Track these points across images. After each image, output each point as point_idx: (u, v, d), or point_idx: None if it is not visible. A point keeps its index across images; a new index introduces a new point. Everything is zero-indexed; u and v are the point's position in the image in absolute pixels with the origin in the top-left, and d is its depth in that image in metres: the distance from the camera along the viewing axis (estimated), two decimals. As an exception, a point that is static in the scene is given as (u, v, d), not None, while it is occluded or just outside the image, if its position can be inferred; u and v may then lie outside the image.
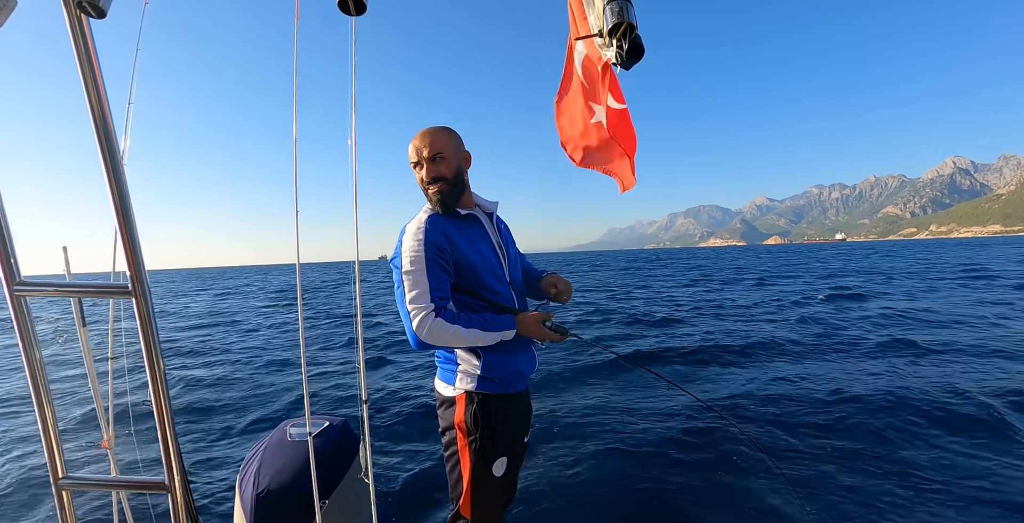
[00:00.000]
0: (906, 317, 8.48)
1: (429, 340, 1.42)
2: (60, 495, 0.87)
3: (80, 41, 0.72)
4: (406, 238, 1.50)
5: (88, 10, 0.68)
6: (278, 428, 2.08)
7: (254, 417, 4.51)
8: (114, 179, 0.75)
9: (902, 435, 3.42)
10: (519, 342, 1.65)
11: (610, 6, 0.61)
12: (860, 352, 5.96)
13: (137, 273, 0.78)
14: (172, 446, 0.83)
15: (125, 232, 0.76)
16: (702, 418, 3.84)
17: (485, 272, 1.60)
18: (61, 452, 0.87)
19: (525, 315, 1.58)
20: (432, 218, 1.54)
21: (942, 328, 7.41)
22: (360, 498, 1.90)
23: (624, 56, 0.62)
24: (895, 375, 4.85)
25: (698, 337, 7.28)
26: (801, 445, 3.33)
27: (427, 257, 1.46)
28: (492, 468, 1.59)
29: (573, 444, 3.52)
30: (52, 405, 0.86)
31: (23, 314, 0.82)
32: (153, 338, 0.80)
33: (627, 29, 0.60)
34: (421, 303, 1.43)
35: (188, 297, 23.32)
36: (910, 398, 4.06)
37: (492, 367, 1.59)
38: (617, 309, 11.20)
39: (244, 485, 1.74)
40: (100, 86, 0.74)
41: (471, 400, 1.58)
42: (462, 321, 1.47)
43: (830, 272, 22.18)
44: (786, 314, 9.44)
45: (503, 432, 1.62)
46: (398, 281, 1.48)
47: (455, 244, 1.53)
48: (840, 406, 3.99)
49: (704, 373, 5.37)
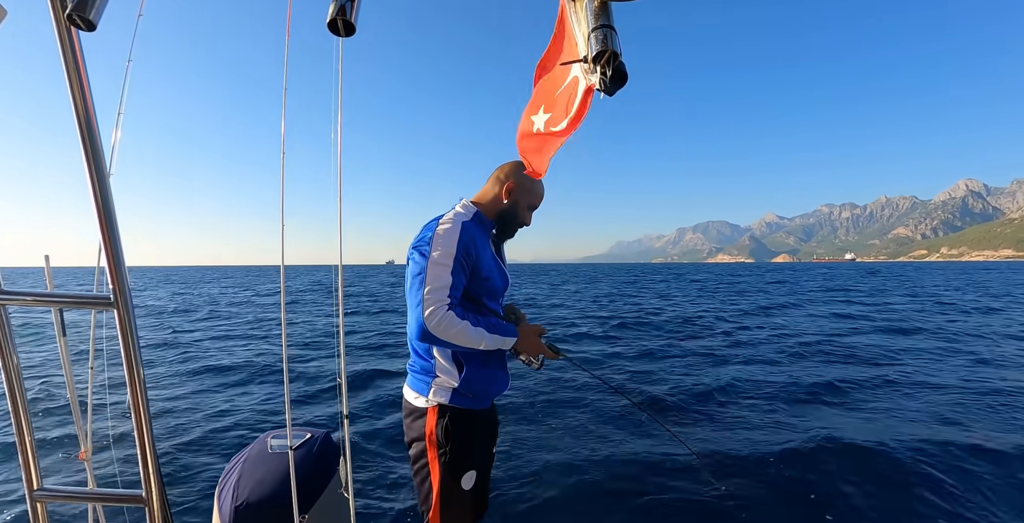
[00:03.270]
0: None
1: (435, 332, 1.43)
2: (35, 507, 0.86)
3: (69, 53, 0.72)
4: (442, 232, 1.53)
5: (78, 23, 0.69)
6: (259, 439, 2.05)
7: (235, 425, 4.44)
8: (99, 191, 0.75)
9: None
10: (500, 360, 1.71)
11: (595, 34, 0.63)
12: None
13: (120, 285, 0.77)
14: (151, 459, 0.82)
15: (109, 244, 0.76)
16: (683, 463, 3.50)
17: (493, 289, 1.67)
18: (37, 463, 0.86)
19: (527, 326, 1.63)
20: (470, 224, 1.60)
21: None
22: (340, 512, 1.88)
23: (608, 82, 0.64)
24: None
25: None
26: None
27: (457, 257, 1.50)
28: (461, 481, 1.61)
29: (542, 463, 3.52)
30: (29, 415, 0.85)
31: (2, 322, 0.81)
32: (134, 349, 0.80)
33: (611, 57, 0.62)
34: (439, 296, 1.45)
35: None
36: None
37: (471, 382, 1.61)
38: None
39: (223, 497, 1.72)
40: (88, 99, 0.74)
41: (443, 414, 1.60)
42: (470, 320, 1.48)
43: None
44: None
45: (473, 446, 1.64)
46: (419, 268, 1.49)
47: (479, 255, 1.59)
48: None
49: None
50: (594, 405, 4.80)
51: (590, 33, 0.63)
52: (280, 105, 1.37)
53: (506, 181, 1.71)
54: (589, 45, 0.62)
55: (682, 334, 9.76)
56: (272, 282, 39.65)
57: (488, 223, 1.72)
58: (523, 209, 1.75)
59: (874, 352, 7.45)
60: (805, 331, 9.84)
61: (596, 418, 4.46)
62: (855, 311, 13.55)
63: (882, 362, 6.78)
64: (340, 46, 0.97)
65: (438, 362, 1.61)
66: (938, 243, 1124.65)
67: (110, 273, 0.77)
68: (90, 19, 0.67)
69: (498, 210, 1.73)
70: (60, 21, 0.70)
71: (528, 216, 1.78)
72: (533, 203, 1.77)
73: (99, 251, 1.21)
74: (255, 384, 6.15)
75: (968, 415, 4.40)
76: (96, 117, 0.74)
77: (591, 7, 0.65)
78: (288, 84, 1.26)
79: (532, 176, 1.58)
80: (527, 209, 1.76)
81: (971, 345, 8.03)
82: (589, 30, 0.63)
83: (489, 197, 1.73)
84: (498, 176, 1.74)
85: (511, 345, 1.58)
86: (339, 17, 0.62)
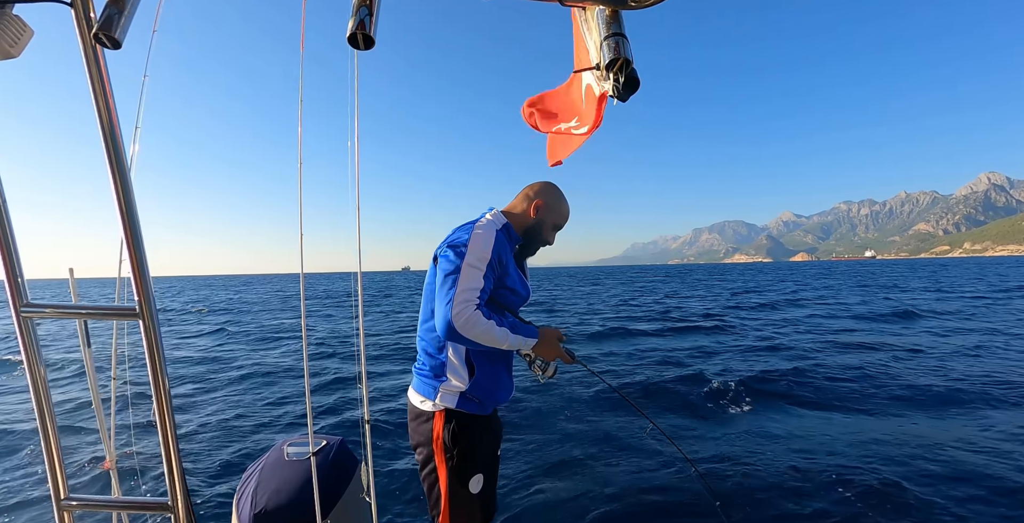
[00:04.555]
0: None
1: (462, 330, 1.45)
2: (62, 516, 0.87)
3: (95, 70, 0.74)
4: (479, 236, 1.58)
5: (104, 41, 0.71)
6: (275, 447, 2.06)
7: (253, 433, 4.47)
8: (124, 204, 0.76)
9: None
10: (509, 367, 1.76)
11: (607, 42, 0.64)
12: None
13: (144, 295, 0.79)
14: (176, 467, 0.83)
15: (133, 255, 0.78)
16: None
17: (516, 300, 1.73)
18: (64, 473, 0.87)
19: (547, 329, 1.64)
20: (502, 235, 1.66)
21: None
22: (358, 518, 1.88)
23: (620, 89, 0.65)
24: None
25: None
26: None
27: (490, 262, 1.55)
28: (469, 485, 1.62)
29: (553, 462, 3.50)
30: (56, 425, 0.87)
31: (29, 335, 0.83)
32: (159, 359, 0.81)
33: (623, 64, 0.63)
34: (469, 296, 1.48)
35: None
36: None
37: (480, 386, 1.63)
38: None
39: (241, 505, 1.73)
40: (113, 113, 0.76)
41: (450, 418, 1.62)
42: (496, 319, 1.51)
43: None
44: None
45: (479, 450, 1.66)
46: (454, 267, 1.52)
47: (505, 264, 1.64)
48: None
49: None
50: (603, 415, 4.78)
51: (602, 41, 0.64)
52: (296, 117, 1.40)
53: (535, 198, 1.76)
54: (602, 53, 0.63)
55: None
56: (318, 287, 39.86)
57: (515, 237, 1.76)
58: (548, 228, 1.80)
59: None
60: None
61: (601, 426, 4.45)
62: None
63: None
64: (355, 59, 0.98)
65: (450, 362, 1.63)
66: (960, 238, 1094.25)
67: (135, 284, 0.78)
68: (115, 37, 0.69)
69: (525, 225, 1.77)
70: (86, 40, 0.72)
71: (552, 236, 1.83)
72: (559, 223, 1.82)
73: (120, 262, 1.24)
74: (275, 388, 6.21)
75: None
76: (120, 131, 0.76)
77: (602, 16, 0.67)
78: (304, 96, 1.28)
79: (550, 162, 1.63)
80: (552, 228, 1.81)
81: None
82: (601, 39, 0.64)
83: (518, 211, 1.78)
84: (528, 193, 1.79)
85: (532, 346, 1.60)
86: (359, 31, 0.64)
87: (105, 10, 0.70)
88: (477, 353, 1.63)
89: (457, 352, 1.63)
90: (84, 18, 0.72)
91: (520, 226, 1.77)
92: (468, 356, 1.63)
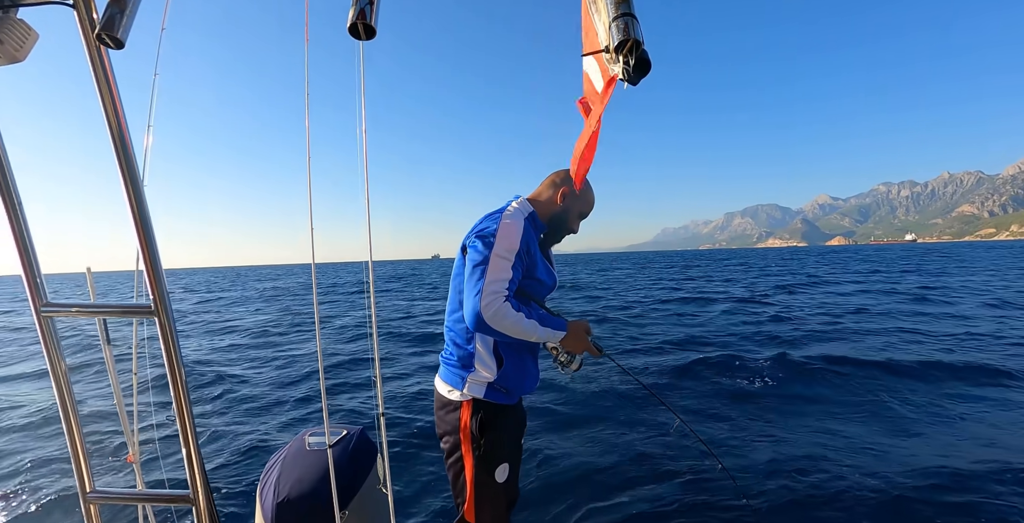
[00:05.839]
0: None
1: (491, 322, 1.45)
2: (88, 509, 0.90)
3: (100, 70, 0.74)
4: (507, 227, 1.56)
5: (107, 41, 0.71)
6: (296, 438, 2.10)
7: (274, 425, 4.56)
8: (135, 202, 0.77)
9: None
10: (535, 359, 1.77)
11: (615, 23, 0.62)
12: None
13: (159, 292, 0.80)
14: (196, 460, 0.85)
15: (147, 253, 0.78)
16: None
17: (543, 289, 1.72)
18: (89, 467, 0.89)
19: (575, 322, 1.63)
20: (529, 224, 1.65)
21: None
22: (378, 508, 1.91)
23: (631, 72, 0.63)
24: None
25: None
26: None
27: (519, 253, 1.54)
28: (495, 474, 1.64)
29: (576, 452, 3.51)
30: (79, 420, 0.88)
31: (50, 333, 0.85)
32: (176, 354, 0.82)
33: (633, 45, 0.61)
34: (498, 287, 1.47)
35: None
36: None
37: (507, 377, 1.64)
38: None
39: (264, 494, 1.77)
40: (120, 112, 0.76)
41: (477, 408, 1.63)
42: (525, 312, 1.51)
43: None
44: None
45: (505, 439, 1.68)
46: (482, 258, 1.51)
47: (533, 254, 1.63)
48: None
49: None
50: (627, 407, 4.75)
51: (611, 23, 0.62)
52: (304, 108, 1.39)
53: (562, 185, 1.74)
54: (611, 35, 0.61)
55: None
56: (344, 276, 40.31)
57: (540, 225, 1.75)
58: (574, 216, 1.78)
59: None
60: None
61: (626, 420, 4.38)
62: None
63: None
64: (361, 49, 0.97)
65: (479, 352, 1.64)
66: (1007, 220, 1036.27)
67: (149, 281, 0.79)
68: (118, 37, 0.69)
69: (551, 213, 1.76)
70: (90, 41, 0.72)
71: (577, 224, 1.82)
72: (584, 211, 1.81)
73: (137, 261, 1.25)
74: (301, 382, 6.31)
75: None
76: (128, 129, 0.76)
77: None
78: (313, 87, 1.27)
79: (575, 182, 1.62)
80: (577, 216, 1.80)
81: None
82: (610, 20, 0.62)
83: (543, 199, 1.76)
84: (554, 180, 1.77)
85: (560, 339, 1.59)
86: (359, 21, 0.63)
87: (107, 10, 0.70)
88: (504, 344, 1.64)
89: (485, 343, 1.64)
90: (87, 19, 0.72)
91: (546, 214, 1.76)
92: (496, 347, 1.64)
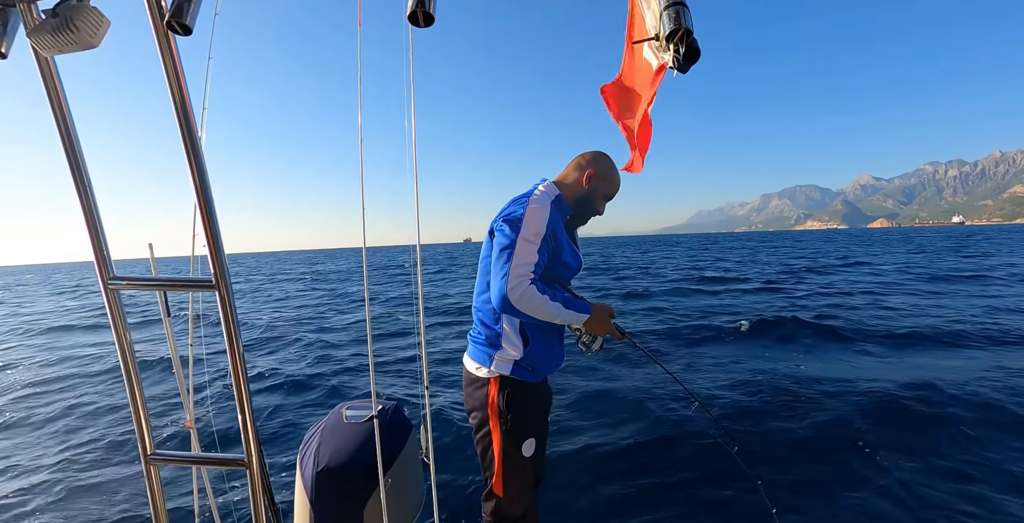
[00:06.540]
0: None
1: (517, 304, 1.49)
2: (148, 470, 0.97)
3: (168, 56, 0.78)
4: (534, 211, 1.59)
5: (175, 28, 0.74)
6: (334, 410, 2.18)
7: (310, 399, 4.76)
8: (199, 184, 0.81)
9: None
10: (561, 339, 1.80)
11: (667, 12, 0.62)
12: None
13: (220, 268, 0.85)
14: (250, 427, 0.90)
15: (209, 232, 0.83)
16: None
17: (568, 272, 1.75)
18: (150, 431, 0.96)
19: (600, 305, 1.66)
20: (555, 207, 1.67)
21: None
22: (411, 479, 1.99)
23: (680, 60, 0.63)
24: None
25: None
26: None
27: (545, 236, 1.57)
28: (522, 449, 1.69)
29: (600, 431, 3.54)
30: (142, 388, 0.95)
31: (116, 305, 0.91)
32: (234, 327, 0.87)
33: (684, 34, 0.61)
34: (524, 271, 1.51)
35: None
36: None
37: (534, 356, 1.68)
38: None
39: (304, 463, 1.86)
40: (186, 96, 0.80)
41: (504, 385, 1.68)
42: (550, 294, 1.55)
43: None
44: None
45: (531, 415, 1.73)
46: (509, 242, 1.54)
47: (559, 238, 1.66)
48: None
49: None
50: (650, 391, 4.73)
51: (662, 11, 0.61)
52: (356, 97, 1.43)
53: (587, 167, 1.75)
54: (662, 23, 0.61)
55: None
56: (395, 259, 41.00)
57: (566, 208, 1.76)
58: (600, 198, 1.79)
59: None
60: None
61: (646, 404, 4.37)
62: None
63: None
64: (411, 36, 0.99)
65: (505, 332, 1.69)
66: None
67: (211, 258, 0.84)
68: (186, 24, 0.73)
69: (577, 195, 1.77)
70: (159, 28, 0.76)
71: (602, 205, 1.83)
72: (610, 193, 1.81)
73: (193, 239, 1.32)
74: (348, 355, 6.54)
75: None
76: (194, 114, 0.80)
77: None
78: (353, 78, 1.30)
79: (630, 170, 1.61)
80: (603, 198, 1.80)
81: None
82: (661, 8, 0.62)
83: (570, 181, 1.78)
84: (580, 162, 1.78)
85: (584, 321, 1.62)
86: (419, 8, 0.65)
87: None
88: (531, 324, 1.67)
89: (511, 323, 1.68)
90: (156, 7, 0.75)
91: (572, 196, 1.77)
92: (523, 327, 1.68)
